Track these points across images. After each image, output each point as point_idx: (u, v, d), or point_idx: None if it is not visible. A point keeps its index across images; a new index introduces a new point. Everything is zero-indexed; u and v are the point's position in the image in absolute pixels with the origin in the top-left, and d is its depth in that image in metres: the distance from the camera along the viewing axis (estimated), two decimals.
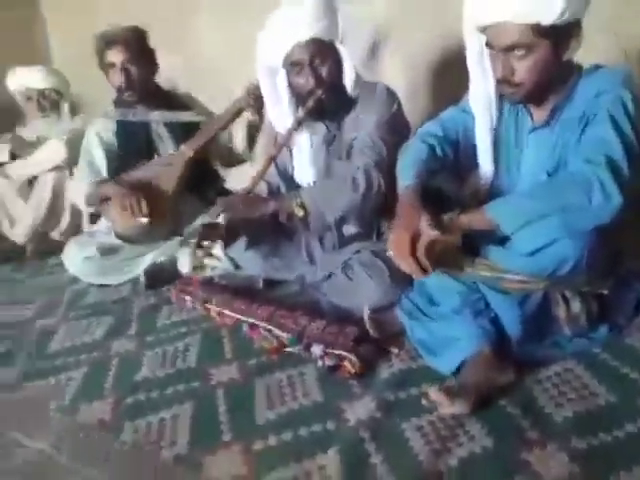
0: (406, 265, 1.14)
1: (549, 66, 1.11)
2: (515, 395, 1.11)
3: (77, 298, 1.97)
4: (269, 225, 1.69)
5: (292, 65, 1.54)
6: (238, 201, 1.59)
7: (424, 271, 1.12)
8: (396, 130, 1.58)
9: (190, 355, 1.45)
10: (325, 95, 1.55)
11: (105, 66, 1.96)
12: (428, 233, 1.10)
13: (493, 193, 1.36)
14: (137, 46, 1.95)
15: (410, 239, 1.12)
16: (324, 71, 1.54)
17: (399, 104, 1.63)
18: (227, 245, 1.71)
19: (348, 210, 1.52)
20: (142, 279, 1.93)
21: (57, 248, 2.30)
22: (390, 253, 1.19)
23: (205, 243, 1.60)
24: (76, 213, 2.51)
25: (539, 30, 1.06)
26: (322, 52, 1.52)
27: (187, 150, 1.96)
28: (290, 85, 1.60)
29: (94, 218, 2.33)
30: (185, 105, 2.12)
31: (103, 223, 2.15)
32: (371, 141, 1.54)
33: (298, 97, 1.61)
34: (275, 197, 1.67)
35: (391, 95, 1.62)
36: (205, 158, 2.08)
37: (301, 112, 1.60)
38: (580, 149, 1.11)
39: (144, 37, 2.01)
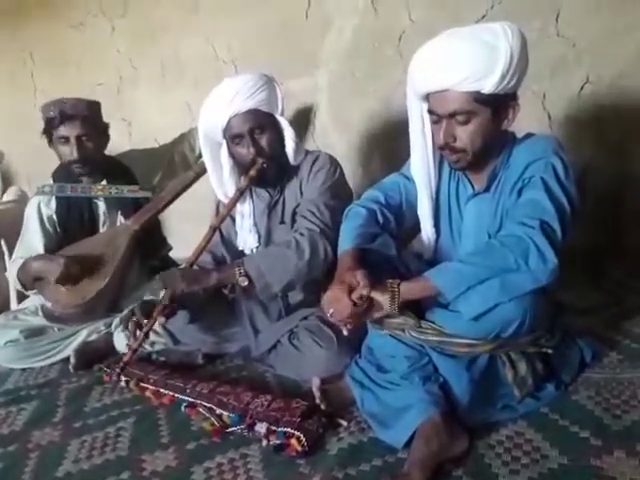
0: (344, 320, 1.13)
1: (489, 133, 1.16)
2: (468, 463, 1.06)
3: None
4: (211, 297, 1.62)
5: (232, 137, 1.57)
6: (179, 275, 1.52)
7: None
8: (339, 196, 1.59)
9: (122, 442, 1.32)
10: (267, 164, 1.57)
11: (55, 138, 1.88)
12: (363, 289, 1.11)
13: (436, 255, 1.38)
14: (94, 121, 1.91)
15: (347, 292, 1.11)
16: (264, 141, 1.57)
17: (341, 171, 1.67)
18: (167, 319, 1.61)
19: (294, 278, 1.48)
20: (72, 359, 1.78)
21: None
22: (330, 312, 1.15)
23: (144, 322, 1.54)
24: (3, 290, 2.34)
25: (480, 98, 1.11)
26: (261, 123, 1.56)
27: (133, 224, 1.90)
28: (232, 155, 1.62)
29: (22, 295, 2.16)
30: (130, 173, 2.05)
31: (31, 301, 1.99)
32: (315, 207, 1.54)
33: (240, 166, 1.62)
34: (217, 268, 1.62)
35: (333, 162, 1.66)
36: (152, 226, 2.01)
37: (243, 181, 1.61)
38: (515, 213, 1.15)
39: (100, 111, 1.98)
